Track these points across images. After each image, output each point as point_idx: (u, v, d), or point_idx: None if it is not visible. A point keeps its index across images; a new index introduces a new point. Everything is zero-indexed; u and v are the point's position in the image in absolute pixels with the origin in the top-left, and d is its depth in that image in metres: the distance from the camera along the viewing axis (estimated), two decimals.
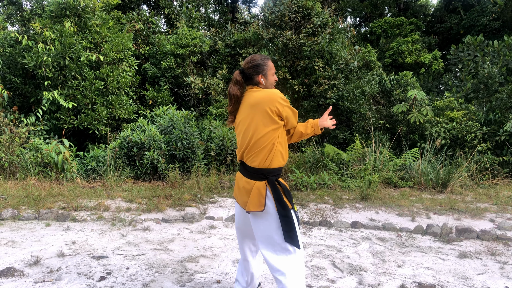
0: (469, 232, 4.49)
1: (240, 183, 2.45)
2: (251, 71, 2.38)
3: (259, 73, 2.38)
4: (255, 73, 2.37)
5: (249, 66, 2.38)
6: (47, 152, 7.00)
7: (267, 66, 2.40)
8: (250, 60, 2.40)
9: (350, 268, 3.52)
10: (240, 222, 2.59)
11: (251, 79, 2.39)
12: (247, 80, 2.41)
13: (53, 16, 8.90)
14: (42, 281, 3.06)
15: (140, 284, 3.07)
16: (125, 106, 9.03)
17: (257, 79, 2.38)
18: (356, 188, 6.66)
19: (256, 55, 2.42)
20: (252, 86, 2.41)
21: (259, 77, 2.38)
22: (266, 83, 2.42)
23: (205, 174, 7.39)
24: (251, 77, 2.38)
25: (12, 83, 8.62)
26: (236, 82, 2.37)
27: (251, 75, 2.38)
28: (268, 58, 2.44)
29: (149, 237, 4.22)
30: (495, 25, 14.97)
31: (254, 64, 2.38)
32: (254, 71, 2.37)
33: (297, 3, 9.70)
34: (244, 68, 2.40)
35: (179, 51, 10.09)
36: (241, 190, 2.42)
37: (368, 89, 9.93)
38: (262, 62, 2.39)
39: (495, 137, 8.94)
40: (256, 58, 2.39)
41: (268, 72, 2.41)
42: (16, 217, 4.75)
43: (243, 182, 2.41)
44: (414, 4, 18.24)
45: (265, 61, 2.40)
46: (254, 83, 2.40)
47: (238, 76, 2.38)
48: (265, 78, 2.40)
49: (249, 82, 2.41)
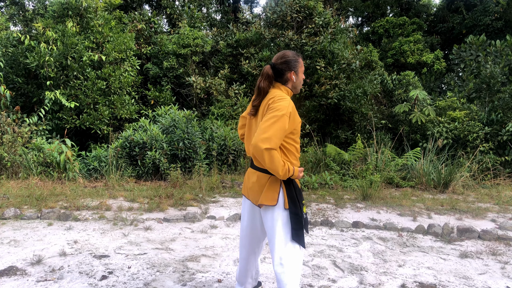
0: (470, 232, 4.49)
1: (252, 178, 2.41)
2: (283, 67, 2.34)
3: (291, 70, 2.35)
4: (287, 69, 2.34)
5: (281, 62, 2.34)
6: (49, 152, 7.03)
7: (298, 63, 2.38)
8: (282, 55, 2.36)
9: (351, 267, 3.52)
10: (250, 220, 2.57)
11: (282, 75, 2.35)
12: (277, 76, 2.37)
13: (55, 16, 8.93)
14: (44, 280, 3.08)
15: (141, 283, 3.08)
16: (127, 106, 9.05)
17: (288, 75, 2.35)
18: (357, 188, 6.66)
19: (288, 51, 2.37)
20: (281, 83, 2.38)
21: (290, 74, 2.35)
22: (296, 80, 2.40)
23: (207, 174, 7.40)
24: (282, 73, 2.35)
25: (15, 83, 8.65)
26: (267, 77, 2.33)
27: (283, 70, 2.34)
28: (300, 56, 2.41)
29: (151, 237, 4.23)
30: (498, 25, 14.92)
31: (287, 59, 2.34)
32: (286, 67, 2.34)
33: (299, 3, 9.70)
34: (275, 63, 2.35)
35: (181, 51, 10.11)
36: (254, 185, 2.38)
37: (370, 89, 9.92)
38: (294, 59, 2.35)
39: (497, 137, 8.92)
40: (289, 54, 2.35)
41: (299, 69, 2.39)
42: (19, 217, 4.77)
43: (255, 177, 2.37)
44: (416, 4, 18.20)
45: (297, 57, 2.37)
46: (284, 80, 2.37)
47: (270, 70, 2.34)
48: (296, 75, 2.38)
49: (279, 78, 2.37)
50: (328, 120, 10.36)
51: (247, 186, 2.48)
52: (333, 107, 10.00)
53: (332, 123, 10.32)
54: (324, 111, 10.14)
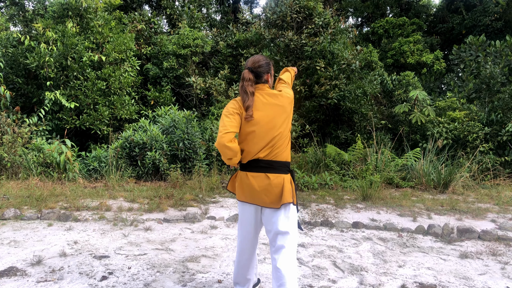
0: (470, 233, 4.49)
1: (261, 182, 2.44)
2: (261, 70, 2.53)
3: (268, 72, 2.56)
4: (264, 72, 2.54)
5: (258, 65, 2.53)
6: (49, 152, 7.03)
7: (271, 66, 2.61)
8: (257, 60, 2.54)
9: (351, 268, 3.52)
10: (254, 224, 2.60)
11: (260, 77, 2.54)
12: (256, 78, 2.55)
13: (55, 17, 8.93)
14: (44, 281, 3.08)
15: (141, 283, 3.08)
16: (127, 106, 9.05)
17: (265, 77, 2.56)
18: (357, 188, 6.66)
19: (259, 56, 2.59)
20: (262, 84, 2.55)
21: (268, 76, 2.57)
22: (271, 82, 2.62)
23: (207, 174, 7.40)
24: (260, 76, 2.53)
25: (15, 83, 8.65)
26: (248, 80, 2.48)
27: (261, 73, 2.53)
28: (270, 60, 2.66)
29: (151, 237, 4.23)
30: (497, 25, 14.92)
31: (263, 63, 2.54)
32: (264, 70, 2.54)
33: (298, 3, 9.70)
34: (253, 67, 2.52)
35: (181, 51, 10.11)
36: (267, 187, 2.43)
37: (370, 89, 9.93)
38: (268, 62, 2.58)
39: (497, 137, 8.93)
40: (262, 59, 2.56)
41: (271, 72, 2.62)
42: (19, 217, 4.77)
43: (267, 180, 2.43)
44: (416, 4, 18.21)
45: (269, 61, 2.60)
46: (263, 81, 2.56)
47: (250, 74, 2.50)
48: (271, 77, 2.61)
49: (258, 80, 2.55)
50: (328, 121, 10.36)
51: (251, 192, 2.47)
52: (333, 107, 10.01)
53: (332, 124, 10.32)
54: (324, 112, 10.14)
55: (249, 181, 2.47)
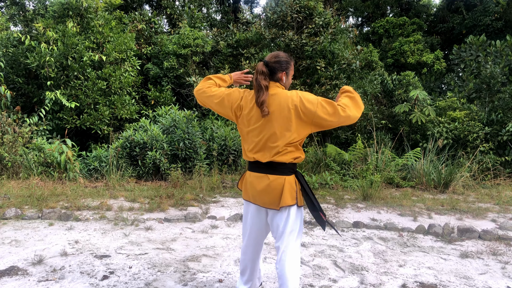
0: (471, 232, 4.49)
1: (261, 183, 2.40)
2: (276, 66, 2.38)
3: (283, 70, 2.40)
4: (279, 69, 2.38)
5: (275, 61, 2.38)
6: (50, 152, 7.03)
7: (290, 66, 2.45)
8: (276, 55, 2.41)
9: (351, 267, 3.53)
10: (256, 224, 2.57)
11: (274, 74, 2.39)
12: (269, 74, 2.40)
13: (55, 16, 8.94)
14: (45, 280, 3.08)
15: (142, 283, 3.09)
16: (128, 106, 9.06)
17: (279, 75, 2.40)
18: (358, 188, 6.66)
19: (281, 52, 2.44)
20: (274, 81, 2.41)
21: (282, 74, 2.40)
22: (285, 82, 2.45)
23: (207, 174, 7.41)
24: (274, 72, 2.39)
25: (15, 83, 8.66)
26: (262, 73, 2.35)
27: (275, 69, 2.38)
28: (292, 59, 2.48)
29: (152, 237, 4.24)
30: (498, 25, 14.93)
31: (281, 60, 2.39)
32: (279, 67, 2.38)
33: (299, 3, 9.70)
34: (269, 62, 2.39)
35: (181, 51, 10.11)
36: (266, 188, 2.38)
37: (370, 89, 9.93)
38: (288, 60, 2.42)
39: (497, 137, 8.93)
40: (282, 55, 2.41)
41: (290, 72, 2.45)
42: (20, 217, 4.78)
43: (267, 181, 2.37)
44: (416, 4, 18.22)
45: (289, 60, 2.44)
46: (276, 79, 2.40)
47: (264, 67, 2.37)
48: (286, 77, 2.44)
49: (270, 76, 2.40)
50: None
51: (253, 191, 2.46)
52: None
53: None
54: None
55: (252, 181, 2.46)
